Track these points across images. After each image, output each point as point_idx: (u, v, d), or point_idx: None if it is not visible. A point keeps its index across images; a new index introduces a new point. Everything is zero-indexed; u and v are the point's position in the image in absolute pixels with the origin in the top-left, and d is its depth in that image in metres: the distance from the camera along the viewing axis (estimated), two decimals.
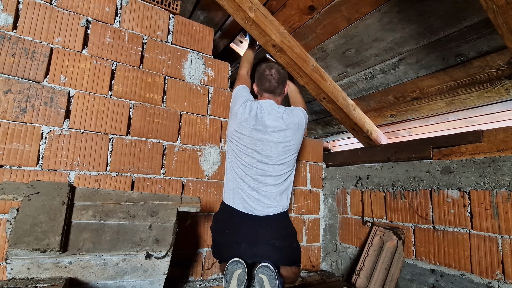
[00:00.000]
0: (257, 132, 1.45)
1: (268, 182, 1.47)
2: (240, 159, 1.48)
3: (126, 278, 1.15)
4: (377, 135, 2.00)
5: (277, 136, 1.47)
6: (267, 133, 1.46)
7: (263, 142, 1.45)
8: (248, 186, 1.46)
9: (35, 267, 1.01)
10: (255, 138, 1.45)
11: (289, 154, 1.51)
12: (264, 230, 1.43)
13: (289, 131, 1.49)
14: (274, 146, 1.46)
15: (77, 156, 1.37)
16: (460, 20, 1.22)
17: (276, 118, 1.48)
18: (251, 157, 1.46)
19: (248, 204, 1.45)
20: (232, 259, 1.31)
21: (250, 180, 1.46)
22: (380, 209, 1.87)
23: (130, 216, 1.22)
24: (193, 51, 1.78)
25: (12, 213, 1.04)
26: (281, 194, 1.51)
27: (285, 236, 1.49)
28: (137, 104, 1.55)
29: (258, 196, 1.45)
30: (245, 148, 1.46)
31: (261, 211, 1.45)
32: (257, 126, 1.46)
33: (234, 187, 1.48)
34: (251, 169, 1.47)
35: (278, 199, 1.49)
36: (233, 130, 1.49)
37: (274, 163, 1.47)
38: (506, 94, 1.40)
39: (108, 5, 1.53)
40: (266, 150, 1.46)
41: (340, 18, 1.45)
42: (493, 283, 1.31)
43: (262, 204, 1.45)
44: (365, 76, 1.73)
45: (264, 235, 1.42)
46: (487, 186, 1.38)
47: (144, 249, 1.17)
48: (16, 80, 1.28)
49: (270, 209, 1.46)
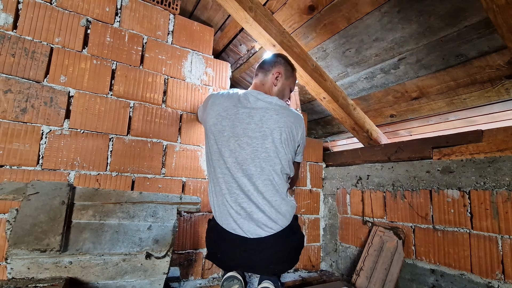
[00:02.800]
0: (240, 122, 1.23)
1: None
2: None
3: (126, 278, 1.15)
4: (377, 135, 2.00)
5: (266, 125, 1.23)
6: (252, 123, 1.23)
7: (247, 134, 1.23)
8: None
9: (35, 267, 1.01)
10: (239, 128, 1.23)
11: (280, 149, 1.25)
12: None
13: (281, 121, 1.24)
14: (261, 138, 1.23)
15: (77, 156, 1.37)
16: (460, 20, 1.22)
17: (265, 102, 1.26)
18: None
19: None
20: (228, 275, 1.23)
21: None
22: (380, 209, 1.87)
23: (130, 216, 1.22)
24: (193, 51, 1.78)
25: (12, 213, 1.04)
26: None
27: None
28: (137, 104, 1.55)
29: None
30: (227, 143, 1.24)
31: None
32: (241, 116, 1.24)
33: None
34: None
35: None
36: (212, 123, 1.26)
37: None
38: (506, 94, 1.40)
39: (108, 5, 1.52)
40: (252, 142, 1.23)
41: (340, 18, 1.45)
42: (493, 283, 1.31)
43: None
44: (365, 76, 1.73)
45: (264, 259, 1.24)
46: (487, 186, 1.38)
47: (144, 249, 1.17)
48: (16, 80, 1.28)
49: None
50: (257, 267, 1.26)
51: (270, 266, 1.24)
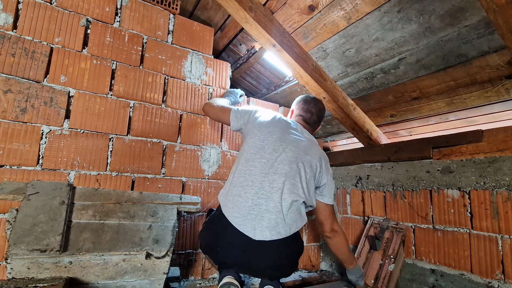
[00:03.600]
0: (287, 133, 1.38)
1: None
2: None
3: (126, 277, 1.15)
4: (377, 135, 2.00)
5: (304, 149, 1.35)
6: (292, 142, 1.36)
7: (291, 143, 1.36)
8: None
9: (35, 267, 1.01)
10: (288, 138, 1.37)
11: (311, 180, 1.35)
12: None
13: (316, 157, 1.37)
14: (303, 153, 1.35)
15: (77, 156, 1.37)
16: (460, 20, 1.22)
17: (304, 137, 1.41)
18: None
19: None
20: (224, 281, 1.17)
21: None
22: (380, 209, 1.87)
23: (130, 216, 1.22)
24: (193, 51, 1.78)
25: (12, 213, 1.04)
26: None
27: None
28: (137, 104, 1.55)
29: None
30: (270, 144, 1.34)
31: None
32: (288, 129, 1.40)
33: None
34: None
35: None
36: (258, 127, 1.38)
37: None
38: (506, 94, 1.40)
39: (108, 4, 1.52)
40: (294, 154, 1.34)
41: (340, 18, 1.45)
42: (493, 283, 1.31)
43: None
44: (365, 76, 1.73)
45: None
46: (487, 186, 1.38)
47: (144, 249, 1.17)
48: (16, 80, 1.27)
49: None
50: (254, 270, 1.25)
51: (267, 271, 1.23)
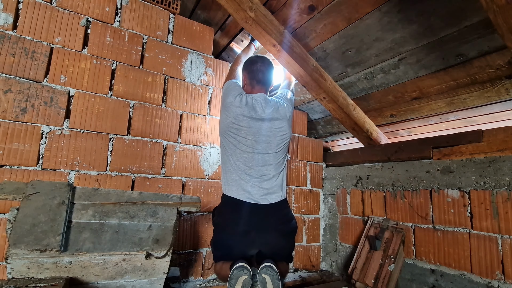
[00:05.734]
0: (255, 122, 1.49)
1: (270, 172, 1.50)
2: (240, 151, 1.48)
3: (126, 277, 1.15)
4: (377, 134, 2.00)
5: (274, 125, 1.52)
6: (264, 123, 1.50)
7: (261, 133, 1.50)
8: (251, 177, 1.47)
9: (35, 266, 1.01)
10: (254, 128, 1.49)
11: (285, 141, 1.57)
12: (271, 217, 1.46)
13: (284, 121, 1.54)
14: (273, 136, 1.51)
15: (77, 156, 1.37)
16: (460, 20, 1.22)
17: (271, 108, 1.53)
18: (252, 147, 1.48)
19: (252, 195, 1.46)
20: (238, 264, 1.27)
21: (252, 171, 1.48)
22: (380, 209, 1.87)
23: (130, 216, 1.22)
24: (193, 50, 1.78)
25: (12, 213, 1.04)
26: (282, 182, 1.55)
27: (289, 220, 1.54)
28: (137, 104, 1.55)
29: (261, 185, 1.48)
30: (245, 140, 1.48)
31: (266, 199, 1.47)
32: (255, 117, 1.49)
33: (236, 179, 1.48)
34: (252, 160, 1.48)
35: (280, 187, 1.53)
36: (229, 122, 1.49)
37: (273, 151, 1.52)
38: (506, 94, 1.40)
39: (108, 4, 1.52)
40: (266, 139, 1.50)
41: (340, 18, 1.45)
42: (493, 283, 1.31)
43: (266, 193, 1.48)
44: (365, 76, 1.73)
45: (272, 222, 1.46)
46: (487, 186, 1.38)
47: (144, 249, 1.17)
48: (16, 79, 1.28)
49: (273, 197, 1.49)
50: (269, 229, 1.44)
51: (279, 226, 1.46)
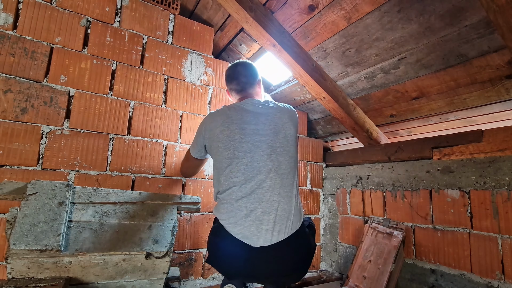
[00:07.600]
0: (248, 124, 1.20)
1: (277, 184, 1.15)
2: (237, 161, 1.17)
3: (126, 277, 1.15)
4: (377, 134, 2.00)
5: (274, 122, 1.23)
6: (260, 123, 1.21)
7: (258, 132, 1.20)
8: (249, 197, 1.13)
9: (35, 266, 1.01)
10: (249, 129, 1.19)
11: (291, 143, 1.24)
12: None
13: (285, 117, 1.26)
14: (274, 134, 1.21)
15: (77, 156, 1.37)
16: (460, 20, 1.22)
17: (264, 106, 1.27)
18: (251, 153, 1.16)
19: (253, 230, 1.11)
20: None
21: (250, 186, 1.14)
22: (380, 209, 1.87)
23: (130, 216, 1.22)
24: (193, 51, 1.78)
25: (12, 212, 1.04)
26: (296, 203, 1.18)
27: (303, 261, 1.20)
28: (137, 104, 1.55)
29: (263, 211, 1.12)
30: (240, 145, 1.17)
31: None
32: (247, 119, 1.22)
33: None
34: (251, 169, 1.15)
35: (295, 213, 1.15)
36: (218, 132, 1.22)
37: (280, 152, 1.19)
38: (506, 94, 1.40)
39: (108, 4, 1.52)
40: (266, 139, 1.19)
41: (340, 18, 1.45)
42: (493, 283, 1.31)
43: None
44: (365, 76, 1.73)
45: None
46: (487, 186, 1.38)
47: (144, 249, 1.17)
48: (16, 79, 1.28)
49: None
50: (262, 276, 1.18)
51: (274, 277, 1.16)
